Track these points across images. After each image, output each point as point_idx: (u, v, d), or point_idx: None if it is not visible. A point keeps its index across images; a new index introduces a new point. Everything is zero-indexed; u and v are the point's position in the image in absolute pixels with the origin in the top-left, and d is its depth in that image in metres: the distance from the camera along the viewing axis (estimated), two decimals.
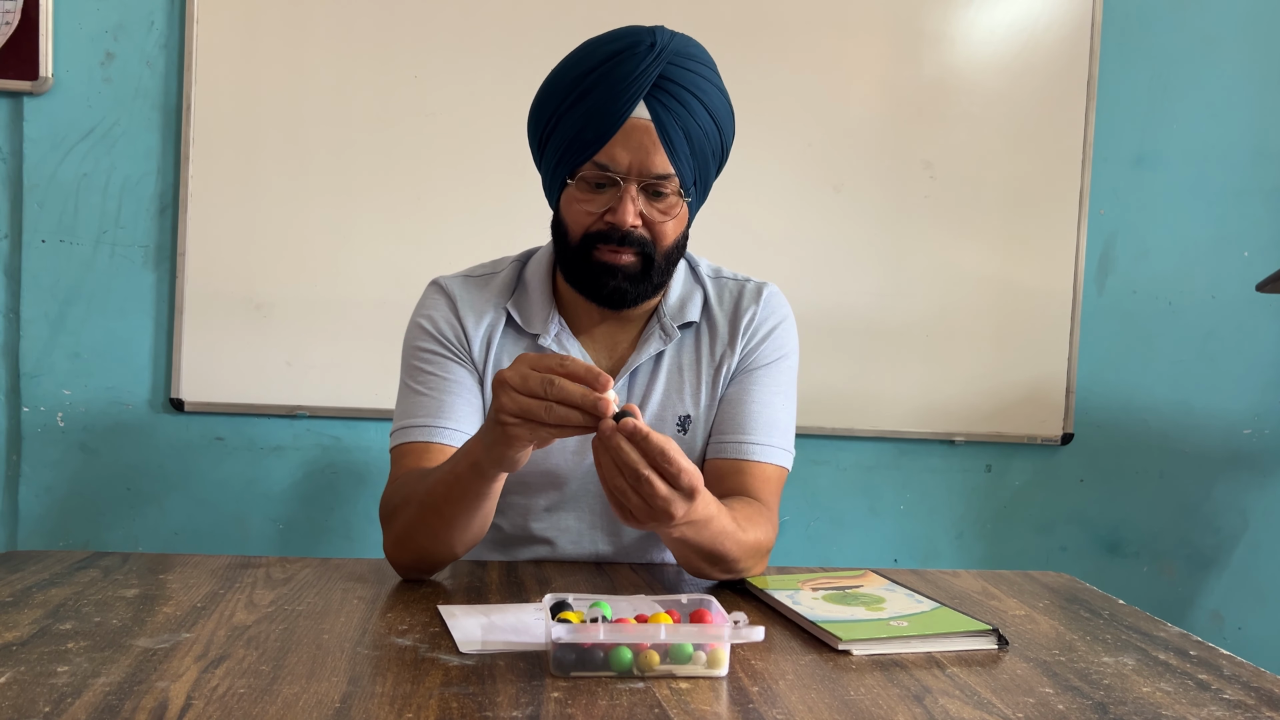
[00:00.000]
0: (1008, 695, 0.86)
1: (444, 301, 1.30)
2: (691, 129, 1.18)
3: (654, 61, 1.15)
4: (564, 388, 0.92)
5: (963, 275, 2.22)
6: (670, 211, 1.20)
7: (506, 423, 0.95)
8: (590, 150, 1.17)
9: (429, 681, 0.83)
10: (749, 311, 1.31)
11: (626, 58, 1.15)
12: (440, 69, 2.07)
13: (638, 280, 1.22)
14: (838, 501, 2.25)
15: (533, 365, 0.94)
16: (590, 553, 1.32)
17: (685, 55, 1.18)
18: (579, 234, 1.21)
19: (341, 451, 2.12)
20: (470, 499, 1.08)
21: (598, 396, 0.91)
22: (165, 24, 2.03)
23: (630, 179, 1.17)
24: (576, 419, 0.92)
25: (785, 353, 1.32)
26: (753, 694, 0.84)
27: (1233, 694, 0.89)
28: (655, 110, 1.16)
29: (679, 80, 1.17)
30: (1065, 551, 2.33)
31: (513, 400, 0.94)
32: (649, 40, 1.16)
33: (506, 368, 0.96)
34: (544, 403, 0.93)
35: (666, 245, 1.22)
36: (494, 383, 0.96)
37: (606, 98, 1.16)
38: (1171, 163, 2.28)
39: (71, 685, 0.79)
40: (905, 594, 1.12)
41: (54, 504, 2.07)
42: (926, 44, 2.18)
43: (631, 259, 1.20)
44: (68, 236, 2.03)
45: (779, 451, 1.27)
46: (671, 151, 1.17)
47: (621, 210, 1.17)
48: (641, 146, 1.16)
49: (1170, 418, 2.32)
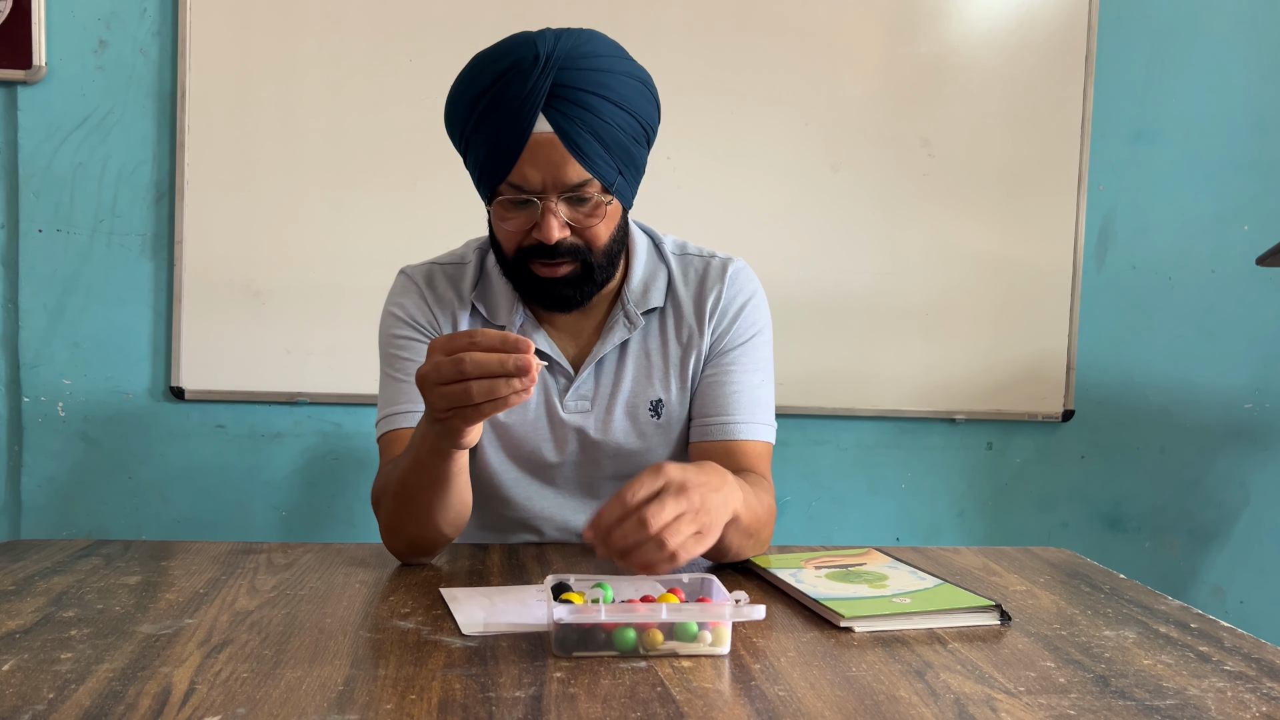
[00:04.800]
0: (1010, 670, 0.87)
1: (414, 289, 1.30)
2: (600, 129, 1.13)
3: (541, 75, 1.10)
4: (480, 362, 0.91)
5: (962, 253, 2.21)
6: (596, 213, 1.17)
7: (441, 418, 0.96)
8: (501, 173, 1.14)
9: (432, 664, 0.84)
10: (714, 291, 1.29)
11: (513, 76, 1.10)
12: (435, 53, 2.06)
13: (580, 283, 1.20)
14: (839, 481, 2.26)
15: (444, 349, 0.93)
16: (576, 535, 1.32)
17: (578, 55, 1.12)
18: (512, 250, 1.20)
19: (342, 437, 2.13)
20: (439, 481, 1.08)
21: (516, 358, 0.90)
22: (158, 11, 2.02)
23: (548, 194, 1.14)
24: (503, 388, 0.91)
25: (758, 329, 1.31)
26: (754, 671, 0.84)
27: (1234, 665, 0.90)
28: (556, 121, 1.11)
29: (576, 84, 1.11)
30: (1066, 528, 2.33)
31: (438, 395, 0.94)
32: (531, 54, 1.10)
33: (423, 364, 0.95)
34: (463, 385, 0.91)
35: (601, 244, 1.19)
36: (415, 381, 0.96)
37: (503, 120, 1.11)
38: (1170, 137, 2.27)
39: (75, 672, 0.80)
40: (908, 571, 1.12)
41: (56, 494, 2.07)
42: (923, 21, 2.17)
43: (570, 268, 1.18)
44: (64, 226, 2.02)
45: (763, 428, 1.27)
46: (583, 157, 1.13)
47: (545, 228, 1.14)
48: (550, 161, 1.12)
49: (1171, 393, 2.32)
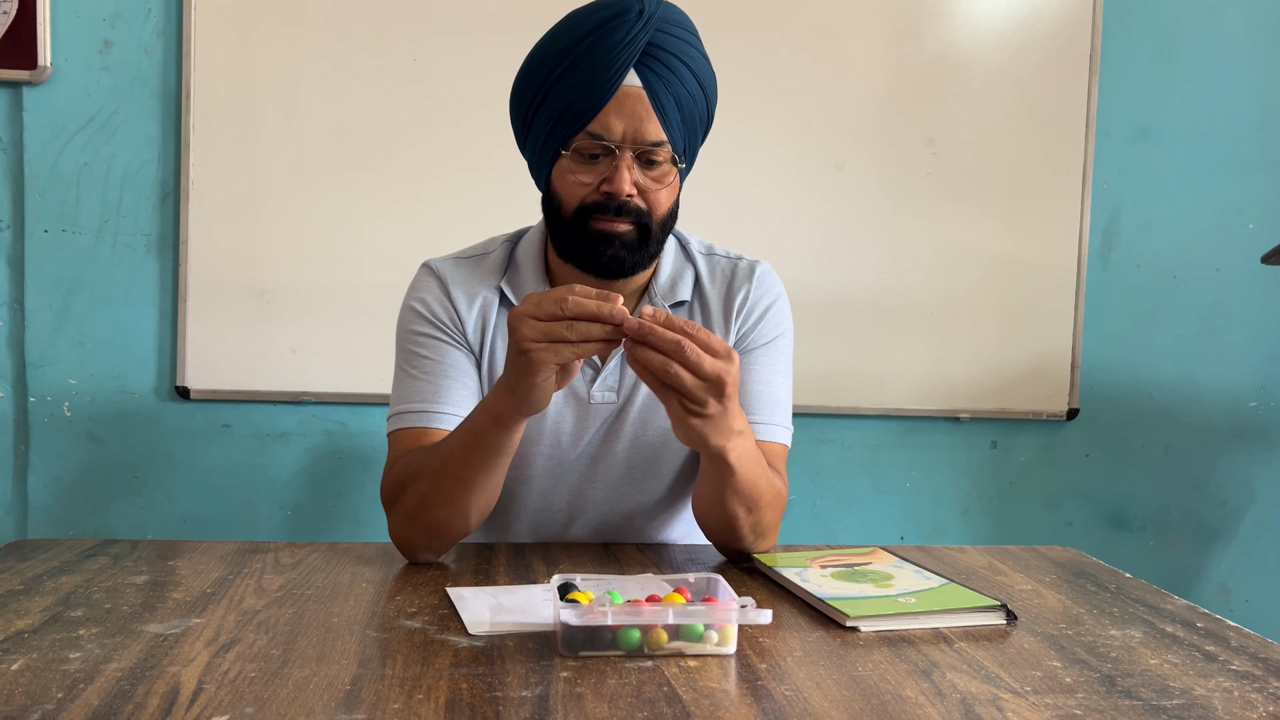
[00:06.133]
0: (1015, 669, 0.87)
1: (435, 283, 1.29)
2: (682, 96, 1.18)
3: (643, 28, 1.14)
4: (579, 302, 0.97)
5: (966, 251, 2.21)
6: (664, 179, 1.20)
7: (530, 349, 0.98)
8: (583, 120, 1.16)
9: (438, 663, 0.84)
10: (742, 290, 1.30)
11: (616, 25, 1.14)
12: (439, 52, 2.06)
13: (635, 249, 1.21)
14: (843, 480, 2.26)
15: (543, 294, 0.99)
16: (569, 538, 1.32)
17: (672, 22, 1.17)
18: (574, 206, 1.20)
19: (347, 437, 2.13)
20: (490, 457, 1.10)
21: (613, 305, 0.96)
22: (162, 11, 2.02)
23: (625, 147, 1.16)
24: (598, 331, 0.97)
25: (781, 331, 1.32)
26: (761, 671, 0.85)
27: (1240, 665, 0.90)
28: (646, 78, 1.16)
29: (668, 47, 1.16)
30: (1071, 527, 2.33)
31: (532, 327, 0.98)
32: (637, 7, 1.15)
33: (516, 305, 1.00)
34: (565, 321, 0.97)
35: (661, 213, 1.21)
36: (510, 319, 1.00)
37: (598, 66, 1.15)
38: (1175, 136, 2.27)
39: (84, 671, 0.80)
40: (914, 570, 1.12)
41: (62, 493, 2.08)
42: (927, 19, 2.17)
43: (628, 228, 1.19)
44: (70, 226, 2.03)
45: (781, 429, 1.28)
46: (664, 118, 1.17)
47: (618, 179, 1.16)
48: (635, 114, 1.16)
49: (1176, 391, 2.32)
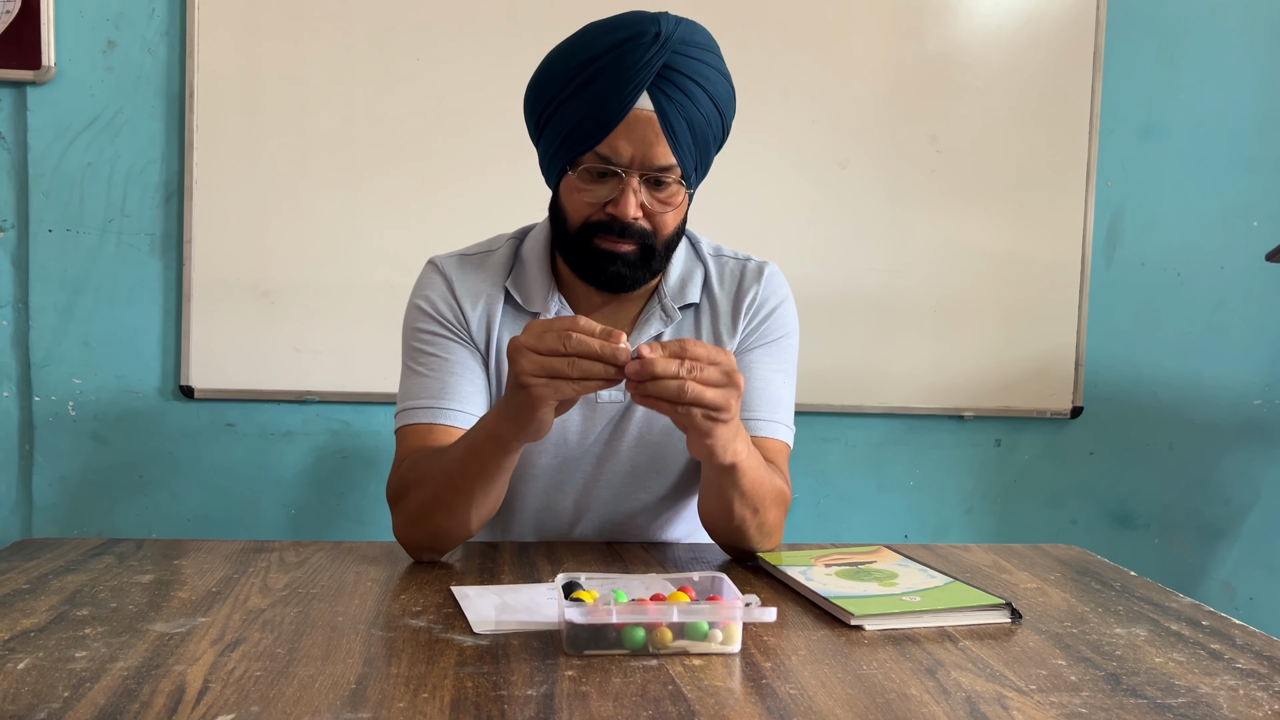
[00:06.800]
0: (1020, 668, 0.87)
1: (441, 281, 1.29)
2: (694, 118, 1.16)
3: (659, 51, 1.12)
4: (582, 340, 0.96)
5: (970, 250, 2.21)
6: (671, 201, 1.19)
7: (530, 384, 0.97)
8: (591, 141, 1.15)
9: (443, 662, 0.84)
10: (751, 291, 1.30)
11: (631, 48, 1.12)
12: (442, 52, 2.06)
13: (637, 266, 1.21)
14: (847, 478, 2.25)
15: (546, 325, 0.97)
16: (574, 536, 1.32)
17: (690, 43, 1.15)
18: (579, 222, 1.20)
19: (351, 436, 2.13)
20: (489, 474, 1.09)
21: (615, 346, 0.95)
22: (166, 11, 2.02)
23: (632, 171, 1.16)
24: (599, 370, 0.96)
25: (787, 332, 1.32)
26: (765, 670, 0.85)
27: (1245, 663, 0.90)
28: (659, 101, 1.14)
29: (683, 69, 1.14)
30: (1076, 525, 2.33)
31: (532, 361, 0.97)
32: (654, 30, 1.12)
33: (518, 335, 0.98)
34: (565, 357, 0.96)
35: (666, 234, 1.21)
36: (509, 349, 0.99)
37: (610, 88, 1.13)
38: (1179, 133, 2.27)
39: (90, 670, 0.80)
40: (918, 569, 1.12)
41: (67, 492, 2.08)
42: (929, 17, 2.16)
43: (631, 248, 1.19)
44: (74, 226, 2.03)
45: (782, 428, 1.28)
46: (674, 142, 1.15)
47: (624, 203, 1.16)
48: (644, 139, 1.14)
49: (1180, 389, 2.32)
